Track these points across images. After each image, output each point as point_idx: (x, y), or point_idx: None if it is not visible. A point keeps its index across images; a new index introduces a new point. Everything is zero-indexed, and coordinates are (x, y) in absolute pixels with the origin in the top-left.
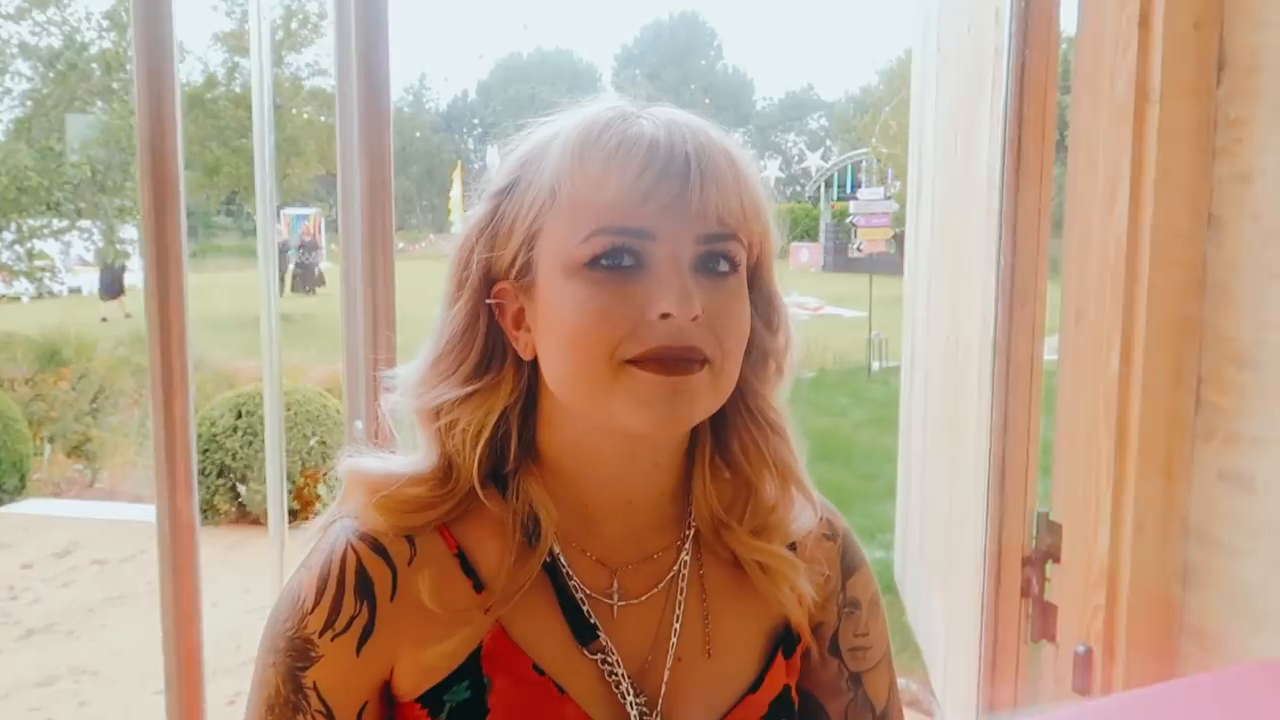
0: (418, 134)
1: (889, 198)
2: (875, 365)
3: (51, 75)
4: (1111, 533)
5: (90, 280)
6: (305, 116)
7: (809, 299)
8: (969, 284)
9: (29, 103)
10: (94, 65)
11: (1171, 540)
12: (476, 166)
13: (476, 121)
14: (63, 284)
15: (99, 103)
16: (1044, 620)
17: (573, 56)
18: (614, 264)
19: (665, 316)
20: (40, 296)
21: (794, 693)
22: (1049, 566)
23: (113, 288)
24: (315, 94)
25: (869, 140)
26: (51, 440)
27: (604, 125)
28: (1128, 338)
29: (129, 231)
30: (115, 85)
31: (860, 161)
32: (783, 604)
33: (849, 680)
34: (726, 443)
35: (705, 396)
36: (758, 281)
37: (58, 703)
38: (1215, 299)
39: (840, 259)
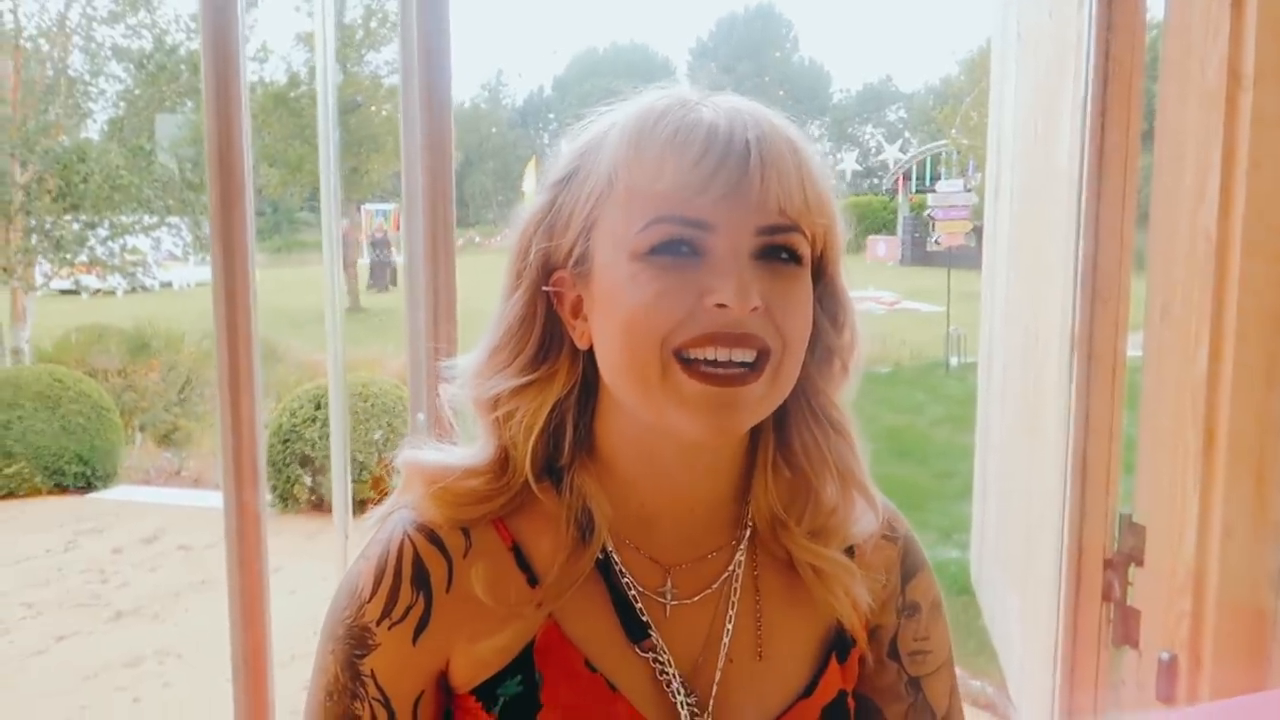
0: (494, 130)
1: (968, 190)
2: (953, 361)
3: (142, 76)
4: (1198, 536)
5: (180, 275)
6: (385, 113)
7: (885, 293)
8: (1049, 278)
9: (122, 104)
10: (182, 66)
11: (1263, 544)
12: (553, 161)
13: (552, 116)
14: (154, 278)
15: (187, 102)
16: (1126, 625)
17: (648, 51)
18: (672, 253)
19: (722, 307)
20: (133, 290)
21: (850, 699)
22: (1131, 570)
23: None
24: (394, 91)
25: (949, 132)
26: (142, 429)
27: (661, 112)
28: (1217, 334)
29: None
30: (201, 86)
31: (940, 153)
32: (836, 609)
33: (908, 685)
34: (788, 441)
35: (758, 403)
36: (823, 276)
37: (143, 683)
38: None
39: (918, 252)
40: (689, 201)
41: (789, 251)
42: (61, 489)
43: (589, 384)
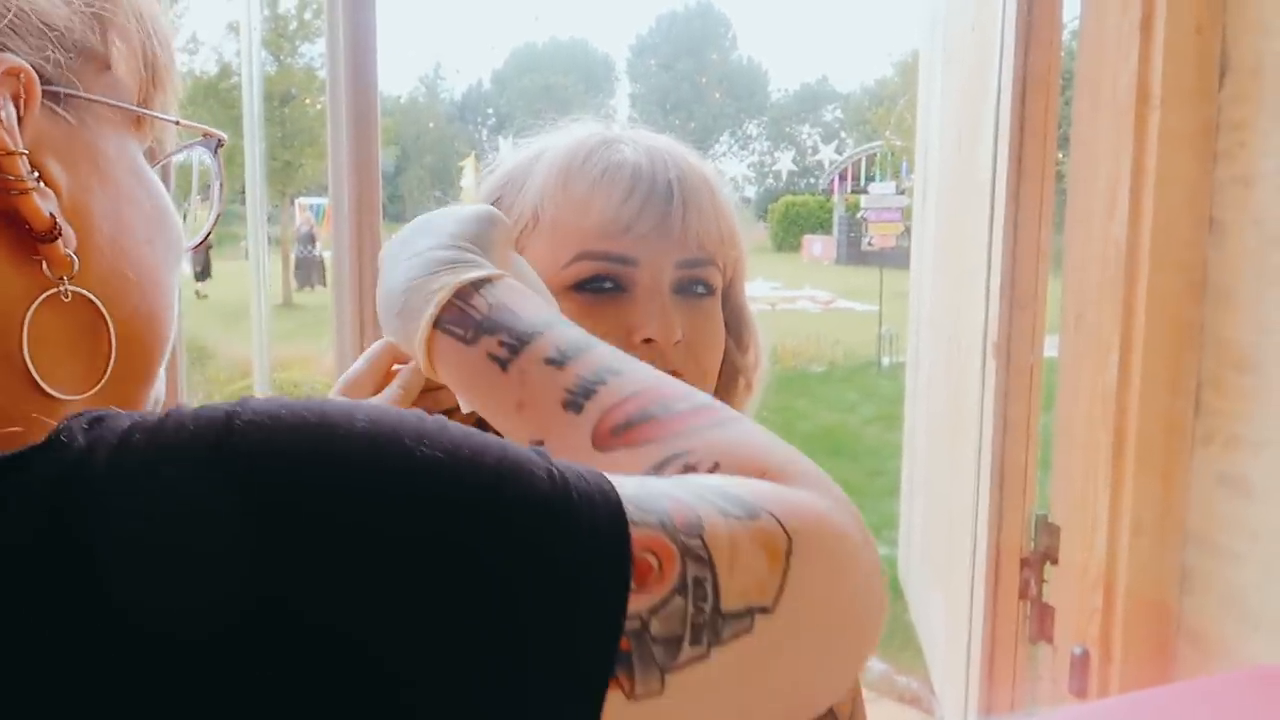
0: (431, 124)
1: (901, 192)
2: (885, 360)
3: None
4: (1109, 535)
5: None
6: (319, 107)
7: (821, 292)
8: (971, 283)
9: None
10: None
11: (1169, 544)
12: (490, 157)
13: (491, 111)
14: None
15: None
16: (1041, 622)
17: (587, 46)
18: (596, 288)
19: (648, 341)
20: None
21: None
22: (1047, 568)
23: (205, 271)
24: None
25: (883, 133)
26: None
27: (589, 151)
28: (1126, 341)
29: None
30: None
31: (875, 154)
32: None
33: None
34: None
35: None
36: (730, 300)
37: None
38: (1215, 303)
39: (854, 252)
40: (615, 238)
41: (705, 284)
42: None
43: None
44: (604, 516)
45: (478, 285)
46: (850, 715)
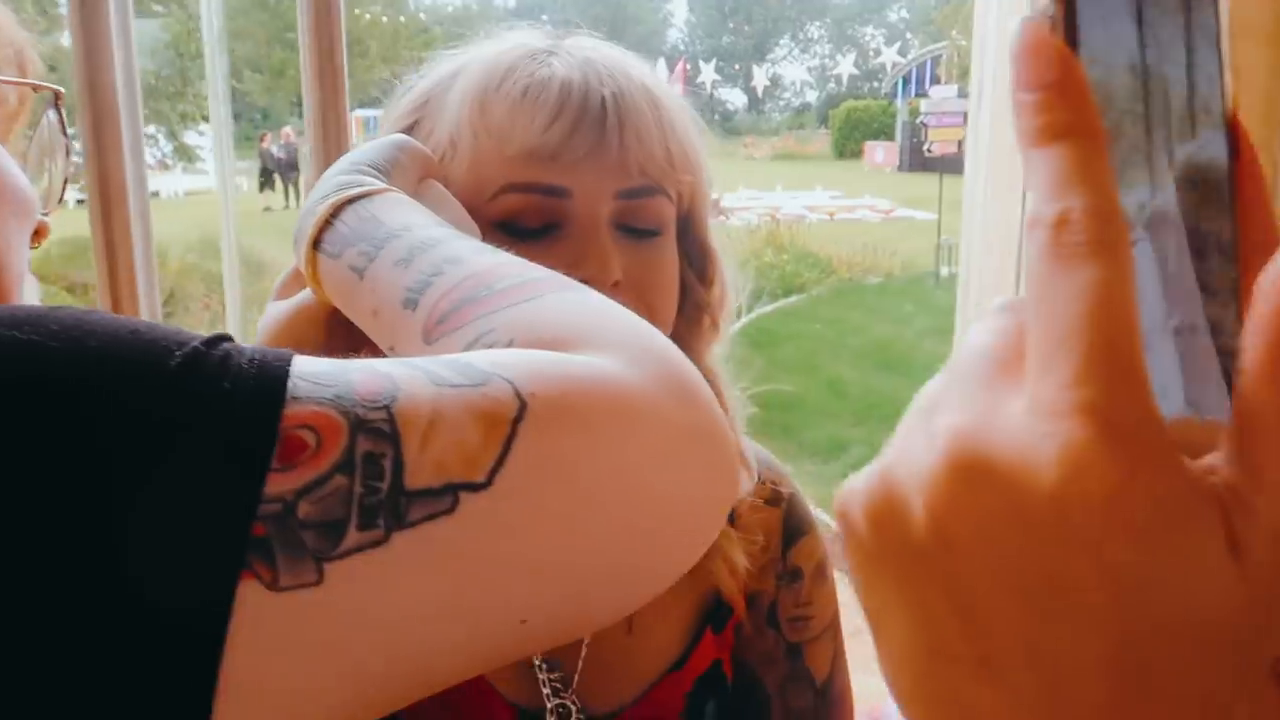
0: (483, 34)
1: (964, 95)
2: (944, 271)
3: None
4: None
5: (167, 183)
6: (368, 17)
7: (881, 200)
8: (1019, 193)
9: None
10: None
11: None
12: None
13: (545, 19)
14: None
15: (157, 8)
16: None
17: None
18: (525, 225)
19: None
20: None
21: (727, 666)
22: None
23: (268, 183)
24: None
25: (949, 34)
26: None
27: (509, 66)
28: None
29: (191, 137)
30: None
31: (940, 56)
32: (713, 575)
33: (786, 651)
34: None
35: None
36: (689, 232)
37: None
38: None
39: (916, 159)
40: (542, 166)
41: (653, 215)
42: None
43: None
44: (246, 393)
45: (354, 201)
46: (828, 677)
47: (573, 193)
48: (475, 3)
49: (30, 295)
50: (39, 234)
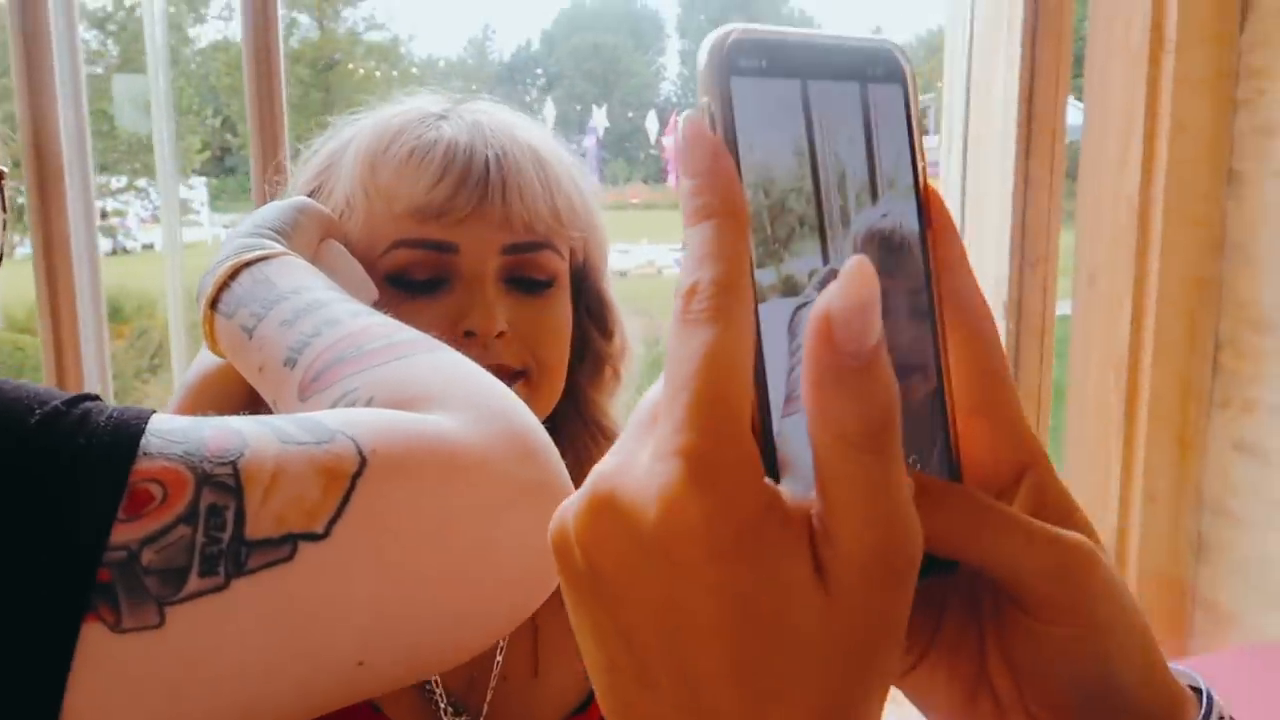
0: (474, 87)
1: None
2: None
3: (106, 38)
4: (1121, 503)
5: (162, 236)
6: (362, 72)
7: None
8: (981, 241)
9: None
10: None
11: (1184, 512)
12: (540, 117)
13: (540, 72)
14: (136, 240)
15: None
16: None
17: (636, 3)
18: (415, 278)
19: (469, 335)
20: (114, 253)
21: None
22: None
23: None
24: (373, 48)
25: (936, 84)
26: (115, 397)
27: (397, 130)
28: (1139, 300)
29: (182, 191)
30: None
31: (927, 107)
32: None
33: None
34: (563, 453)
35: None
36: (586, 284)
37: None
38: (1234, 260)
39: None
40: (430, 223)
41: (541, 268)
42: None
43: None
44: (100, 449)
45: (250, 265)
46: None
47: (460, 248)
48: (470, 57)
49: None
50: None
